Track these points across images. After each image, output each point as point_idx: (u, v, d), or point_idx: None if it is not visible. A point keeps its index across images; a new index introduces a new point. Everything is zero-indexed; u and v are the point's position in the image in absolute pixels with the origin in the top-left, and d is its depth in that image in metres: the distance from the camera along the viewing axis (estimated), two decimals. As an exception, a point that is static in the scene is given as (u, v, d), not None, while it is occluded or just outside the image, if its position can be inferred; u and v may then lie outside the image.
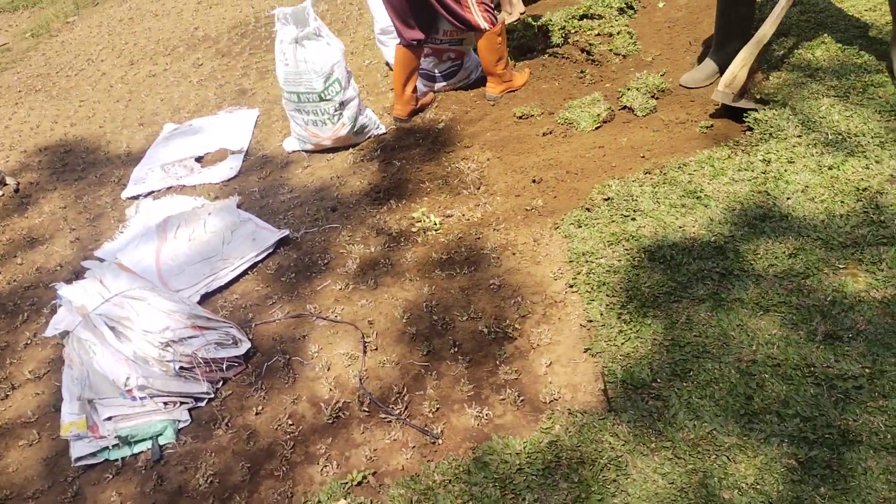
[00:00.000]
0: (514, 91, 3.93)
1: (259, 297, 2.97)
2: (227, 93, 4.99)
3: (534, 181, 3.13)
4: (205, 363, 2.54)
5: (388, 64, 4.51)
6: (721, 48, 3.47)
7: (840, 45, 3.35)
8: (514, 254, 2.77)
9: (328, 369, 2.53)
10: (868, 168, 2.57)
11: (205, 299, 3.02)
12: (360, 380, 2.44)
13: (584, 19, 4.27)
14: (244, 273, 3.12)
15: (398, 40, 3.78)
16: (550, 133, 3.46)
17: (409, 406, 2.31)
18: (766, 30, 3.10)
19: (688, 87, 3.54)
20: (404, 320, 2.63)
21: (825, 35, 3.46)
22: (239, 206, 3.54)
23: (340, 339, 2.65)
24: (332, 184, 3.61)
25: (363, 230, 3.18)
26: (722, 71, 3.49)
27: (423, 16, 3.71)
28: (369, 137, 3.91)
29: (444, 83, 4.14)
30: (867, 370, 1.91)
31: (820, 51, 3.36)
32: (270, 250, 3.19)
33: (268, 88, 4.88)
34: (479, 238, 2.91)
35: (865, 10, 3.59)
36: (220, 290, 3.06)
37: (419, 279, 2.80)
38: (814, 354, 2.01)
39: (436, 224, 3.03)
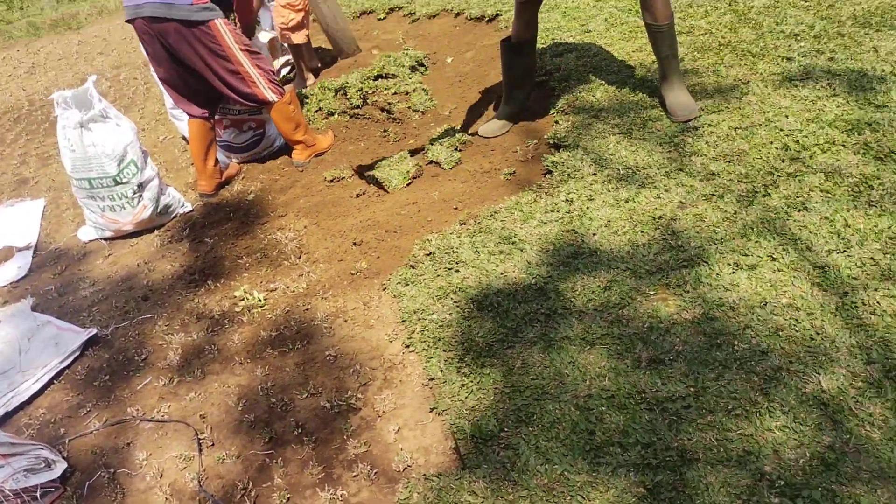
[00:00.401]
0: (320, 155, 3.92)
1: (70, 407, 2.69)
2: (4, 184, 4.55)
3: (354, 244, 3.11)
4: (14, 495, 2.24)
5: (184, 138, 4.34)
6: (511, 96, 3.68)
7: (616, 85, 3.66)
8: (345, 321, 2.72)
9: (161, 476, 2.33)
10: (659, 197, 2.81)
11: (5, 421, 2.68)
12: (200, 482, 2.26)
13: (380, 79, 4.36)
14: (49, 383, 2.82)
15: (190, 114, 3.66)
16: (364, 194, 3.47)
17: (258, 501, 2.17)
18: None
19: (486, 137, 3.70)
20: (240, 408, 2.48)
21: (602, 77, 3.77)
22: (34, 309, 3.21)
23: (171, 440, 2.45)
24: (140, 271, 3.38)
25: (181, 317, 2.99)
26: (515, 118, 3.70)
27: (205, 93, 3.62)
28: (175, 217, 3.71)
29: (249, 153, 4.04)
30: (692, 389, 2.05)
31: (600, 92, 3.65)
32: (77, 353, 2.91)
33: (52, 175, 4.52)
34: (307, 309, 2.83)
35: (633, 52, 3.96)
36: (23, 406, 2.74)
37: (250, 361, 2.67)
38: (642, 381, 2.13)
39: (260, 300, 2.92)
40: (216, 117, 3.84)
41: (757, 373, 2.04)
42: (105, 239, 3.68)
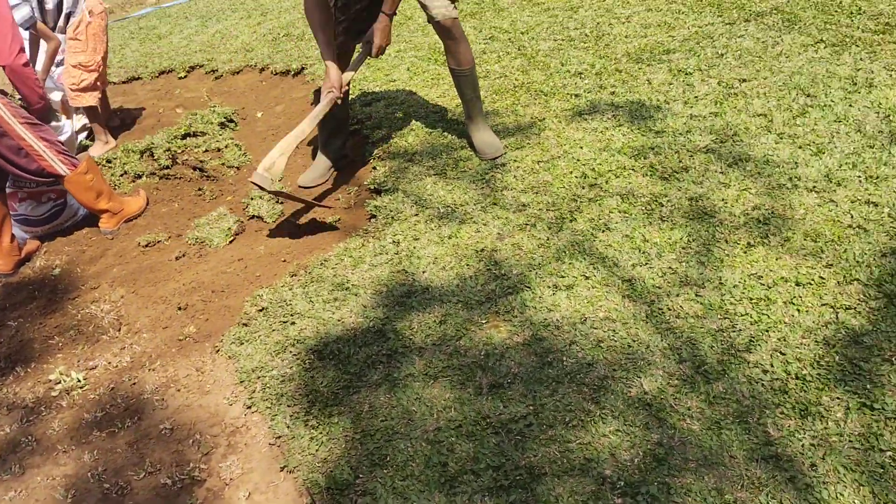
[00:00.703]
0: (131, 220, 3.73)
1: None
2: None
3: (180, 308, 2.99)
4: None
5: (-29, 215, 3.96)
6: (327, 147, 3.73)
7: (426, 130, 3.83)
8: (178, 390, 2.60)
9: (-17, 590, 2.09)
10: (479, 231, 2.96)
11: None
12: (31, 588, 2.05)
13: (188, 138, 4.25)
14: None
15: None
16: (184, 256, 3.34)
17: None
18: (304, 126, 3.30)
19: (306, 187, 3.71)
20: (69, 500, 2.28)
21: (412, 123, 3.92)
22: None
23: (-10, 548, 2.21)
24: (-68, 366, 3.03)
25: (-12, 411, 2.72)
26: (334, 166, 3.75)
27: None
28: (-32, 302, 3.37)
29: (49, 225, 3.77)
30: (531, 407, 2.17)
31: (411, 137, 3.79)
32: None
33: None
34: (134, 384, 2.67)
35: (437, 97, 4.16)
36: None
37: (76, 448, 2.47)
38: (485, 406, 2.22)
39: (80, 381, 2.71)
40: (9, 190, 3.56)
41: (587, 384, 2.20)
42: None
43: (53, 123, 4.22)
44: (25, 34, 4.44)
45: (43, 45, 4.37)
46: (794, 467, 1.86)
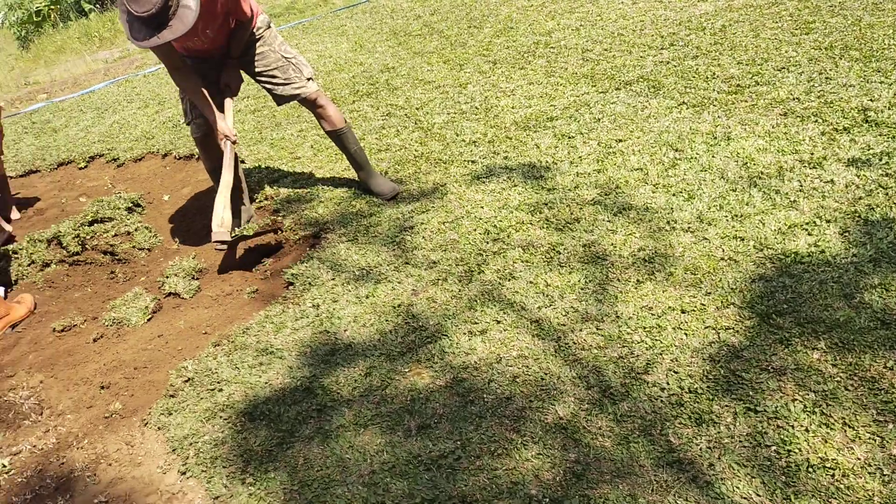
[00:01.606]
0: (17, 323, 3.64)
1: None
2: None
3: (102, 387, 3.01)
4: None
5: None
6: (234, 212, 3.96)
7: (334, 201, 4.03)
8: (110, 464, 2.62)
9: None
10: (394, 289, 3.15)
11: None
12: None
13: (96, 224, 4.29)
14: None
15: None
16: (102, 337, 3.36)
17: None
18: (227, 177, 3.60)
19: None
20: (3, 585, 2.26)
21: (321, 196, 4.11)
22: None
23: None
24: None
25: None
26: (238, 224, 3.93)
27: None
28: None
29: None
30: (458, 442, 2.33)
31: (321, 209, 3.98)
32: None
33: None
34: (63, 463, 2.67)
35: (342, 171, 4.38)
36: None
37: (4, 533, 2.45)
38: (416, 446, 2.37)
39: (4, 465, 2.68)
40: None
41: (507, 416, 2.39)
42: None
43: None
44: None
45: None
46: (695, 468, 2.09)
